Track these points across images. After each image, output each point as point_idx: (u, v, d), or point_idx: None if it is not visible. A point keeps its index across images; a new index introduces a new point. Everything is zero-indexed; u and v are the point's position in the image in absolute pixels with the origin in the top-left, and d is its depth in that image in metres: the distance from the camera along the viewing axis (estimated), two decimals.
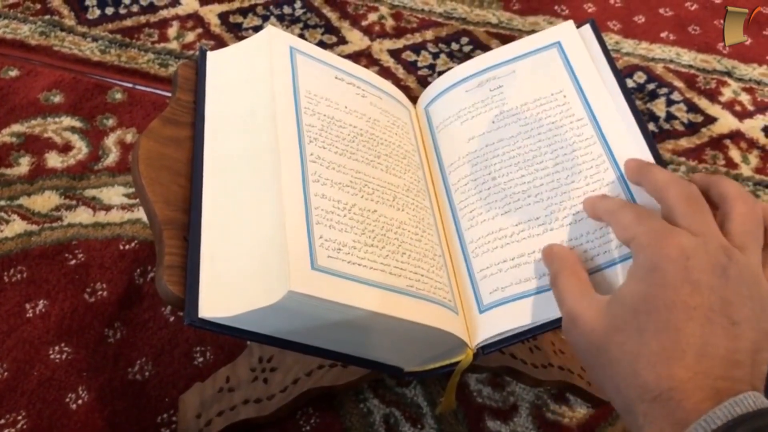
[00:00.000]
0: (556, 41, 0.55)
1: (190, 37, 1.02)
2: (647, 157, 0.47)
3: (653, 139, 0.48)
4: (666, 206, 0.39)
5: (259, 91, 0.51)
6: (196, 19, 1.04)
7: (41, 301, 0.72)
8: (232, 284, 0.42)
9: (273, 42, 0.53)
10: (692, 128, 0.95)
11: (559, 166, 0.50)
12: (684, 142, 0.94)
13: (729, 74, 1.03)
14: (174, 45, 1.00)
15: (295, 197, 0.44)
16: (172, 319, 0.71)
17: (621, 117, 0.50)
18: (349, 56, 1.01)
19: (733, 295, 0.35)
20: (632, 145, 0.48)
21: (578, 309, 0.38)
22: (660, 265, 0.35)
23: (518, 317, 0.45)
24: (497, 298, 0.46)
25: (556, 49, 0.55)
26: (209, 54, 0.56)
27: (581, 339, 0.38)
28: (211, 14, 1.05)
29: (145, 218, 0.77)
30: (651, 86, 1.00)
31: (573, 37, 0.55)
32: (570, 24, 0.56)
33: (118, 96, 0.92)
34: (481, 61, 0.57)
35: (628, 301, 0.36)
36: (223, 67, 0.55)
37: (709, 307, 0.34)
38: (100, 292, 0.73)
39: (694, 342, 0.33)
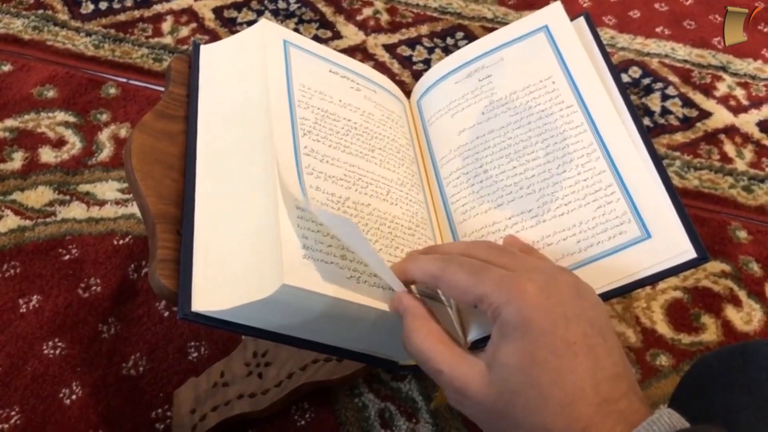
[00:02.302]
0: (544, 25, 0.55)
1: (185, 31, 1.01)
2: (639, 148, 0.47)
3: (648, 134, 0.48)
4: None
5: (252, 85, 0.50)
6: (190, 14, 1.04)
7: (35, 297, 0.72)
8: (225, 278, 0.42)
9: (266, 35, 0.53)
10: (687, 123, 0.95)
11: (550, 155, 0.49)
12: (679, 137, 0.94)
13: (724, 69, 1.03)
14: (168, 40, 1.00)
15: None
16: (166, 314, 0.71)
17: (610, 101, 0.49)
18: (344, 51, 1.00)
19: (590, 312, 0.35)
20: (622, 131, 0.48)
21: (461, 378, 0.36)
22: (528, 316, 0.34)
23: None
24: None
25: (544, 33, 0.54)
26: (202, 47, 0.55)
27: (476, 408, 0.36)
28: (205, 9, 1.05)
29: (139, 213, 0.77)
30: (646, 81, 1.00)
31: (561, 20, 0.54)
32: (557, 6, 0.55)
33: (112, 91, 0.92)
34: (469, 50, 0.57)
35: (514, 363, 0.34)
36: (217, 60, 0.54)
37: (584, 334, 0.34)
38: (94, 288, 0.73)
39: (588, 374, 0.33)
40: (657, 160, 0.47)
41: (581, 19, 0.55)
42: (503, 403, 0.34)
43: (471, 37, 1.04)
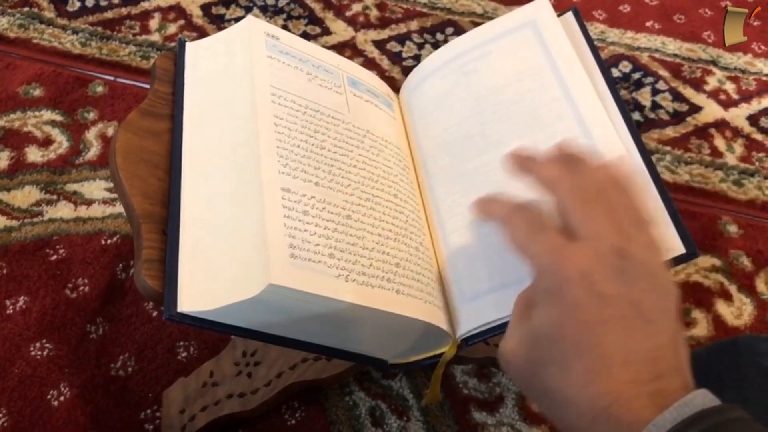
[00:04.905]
0: (530, 20, 0.54)
1: (172, 28, 1.01)
2: (627, 143, 0.47)
3: (637, 129, 0.48)
4: (557, 201, 0.38)
5: (238, 83, 0.50)
6: (178, 11, 1.03)
7: (22, 298, 0.71)
8: (211, 277, 0.42)
9: (252, 32, 0.53)
10: (677, 117, 0.95)
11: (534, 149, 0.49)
12: (669, 132, 0.94)
13: (714, 63, 1.02)
14: (156, 37, 0.99)
15: (274, 190, 0.43)
16: (155, 314, 0.71)
17: (597, 96, 0.49)
18: (333, 47, 1.00)
19: (639, 294, 0.35)
20: (609, 126, 0.47)
21: (501, 343, 0.38)
22: (564, 288, 0.35)
23: (501, 307, 0.44)
24: (480, 288, 0.46)
25: (530, 29, 0.54)
26: (188, 45, 0.55)
27: (512, 372, 0.37)
28: (193, 5, 1.04)
29: None
30: (636, 75, 1.00)
31: (547, 15, 0.54)
32: (544, 1, 0.55)
33: (99, 89, 0.91)
34: (455, 46, 0.57)
35: (542, 331, 0.35)
36: (202, 58, 0.54)
37: (621, 314, 0.34)
38: (81, 288, 0.72)
39: (616, 353, 0.33)
40: (646, 155, 0.47)
41: (570, 14, 0.55)
42: (533, 370, 0.35)
43: (461, 33, 1.03)
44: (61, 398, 0.65)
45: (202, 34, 1.00)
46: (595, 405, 0.32)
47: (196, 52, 0.54)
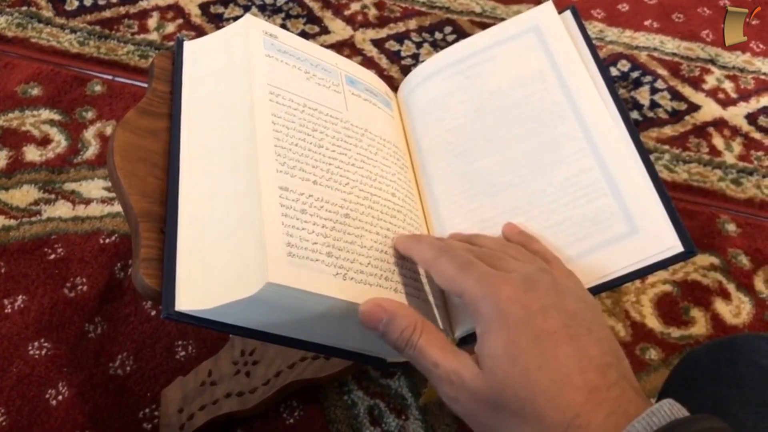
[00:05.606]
0: (534, 24, 0.55)
1: (171, 28, 1.00)
2: (627, 142, 0.47)
3: (636, 128, 0.48)
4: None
5: (236, 81, 0.50)
6: (176, 10, 1.03)
7: (20, 297, 0.71)
8: (209, 276, 0.42)
9: (250, 31, 0.52)
10: (676, 116, 0.95)
11: (537, 152, 0.49)
12: (668, 130, 0.94)
13: (712, 62, 1.03)
14: (154, 36, 0.99)
15: (272, 188, 0.43)
16: (153, 313, 0.71)
17: (600, 99, 0.49)
18: (331, 46, 1.00)
19: (572, 306, 0.36)
20: (611, 128, 0.48)
21: (457, 369, 0.36)
22: (506, 309, 0.36)
23: None
24: None
25: (534, 34, 0.54)
26: (186, 43, 0.55)
27: (470, 404, 0.36)
28: (191, 5, 1.04)
29: None
30: (635, 74, 1.00)
31: (552, 20, 0.54)
32: (549, 5, 0.55)
33: (98, 88, 0.91)
34: (458, 49, 0.57)
35: (499, 353, 0.35)
36: (200, 56, 0.54)
37: (564, 324, 0.35)
38: (80, 287, 0.72)
39: (572, 362, 0.34)
40: (644, 154, 0.47)
41: (568, 13, 0.55)
42: (495, 394, 0.35)
43: (459, 32, 1.04)
44: (60, 397, 0.65)
45: (200, 33, 1.00)
46: (566, 416, 0.33)
47: (194, 51, 0.54)
